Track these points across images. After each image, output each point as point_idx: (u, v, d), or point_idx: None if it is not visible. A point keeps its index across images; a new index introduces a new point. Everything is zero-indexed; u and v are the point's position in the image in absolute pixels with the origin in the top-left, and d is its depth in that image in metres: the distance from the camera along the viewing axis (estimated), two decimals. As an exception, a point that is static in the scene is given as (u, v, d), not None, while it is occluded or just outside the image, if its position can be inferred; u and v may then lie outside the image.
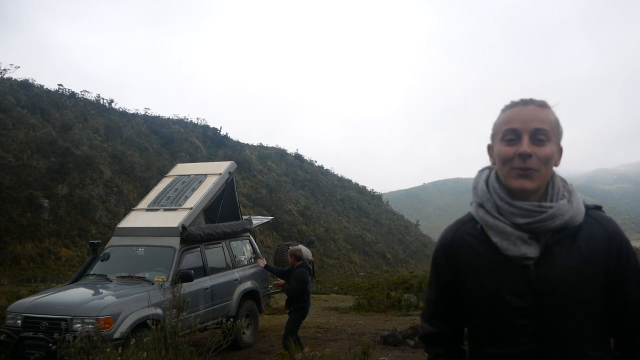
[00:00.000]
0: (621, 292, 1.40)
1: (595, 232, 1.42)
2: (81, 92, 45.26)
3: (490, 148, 1.53)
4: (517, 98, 1.48)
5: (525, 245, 1.39)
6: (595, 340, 1.41)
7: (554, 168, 1.47)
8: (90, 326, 5.28)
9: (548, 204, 1.41)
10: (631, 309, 1.41)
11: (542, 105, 1.45)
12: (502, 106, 1.51)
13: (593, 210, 1.46)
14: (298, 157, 68.16)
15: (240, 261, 8.42)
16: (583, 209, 1.44)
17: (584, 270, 1.38)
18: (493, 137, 1.51)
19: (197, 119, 57.40)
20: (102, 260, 7.33)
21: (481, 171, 1.56)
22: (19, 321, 5.94)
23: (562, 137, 1.49)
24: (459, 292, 1.52)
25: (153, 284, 6.53)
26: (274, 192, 50.02)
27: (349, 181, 75.27)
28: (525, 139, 1.40)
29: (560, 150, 1.48)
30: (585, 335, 1.39)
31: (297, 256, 6.80)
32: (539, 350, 1.39)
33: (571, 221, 1.40)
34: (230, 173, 8.58)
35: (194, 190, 8.01)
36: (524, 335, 1.40)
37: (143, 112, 51.05)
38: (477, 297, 1.47)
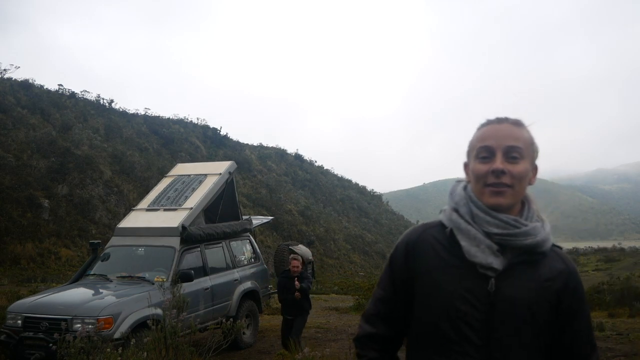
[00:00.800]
0: (570, 332, 1.44)
1: (556, 265, 1.45)
2: (81, 92, 45.29)
3: (466, 166, 1.54)
4: (492, 116, 1.50)
5: (493, 256, 1.39)
6: None
7: (529, 189, 1.49)
8: (90, 326, 5.28)
9: (524, 221, 1.43)
10: (576, 349, 1.45)
11: (517, 123, 1.47)
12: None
13: (557, 248, 1.51)
14: (298, 157, 68.16)
15: (240, 261, 8.42)
16: (551, 239, 1.47)
17: (540, 296, 1.41)
18: (468, 154, 1.52)
19: (197, 119, 57.45)
20: (102, 260, 7.33)
21: (458, 182, 1.57)
22: (19, 321, 5.94)
23: (538, 156, 1.50)
24: (411, 294, 1.50)
25: (153, 284, 6.53)
26: (274, 192, 50.01)
27: (349, 181, 75.26)
28: (499, 156, 1.41)
29: (535, 169, 1.49)
30: (530, 357, 1.40)
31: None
32: None
33: (541, 244, 1.42)
34: (230, 173, 8.58)
35: (194, 190, 8.01)
36: (471, 346, 1.39)
37: (143, 112, 51.08)
38: (431, 301, 1.44)
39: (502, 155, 1.42)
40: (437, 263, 1.46)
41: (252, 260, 8.79)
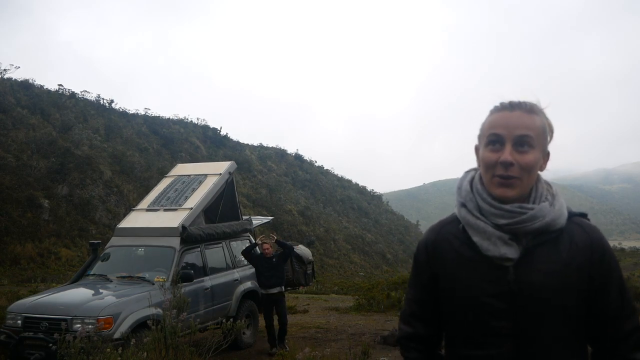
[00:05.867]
0: (601, 301, 1.40)
1: (577, 238, 1.41)
2: (81, 92, 45.39)
3: (477, 149, 1.52)
4: (506, 100, 1.45)
5: (506, 246, 1.38)
6: (572, 346, 1.40)
7: (539, 172, 1.46)
8: (90, 326, 5.27)
9: (529, 205, 1.40)
10: (610, 318, 1.40)
11: (530, 110, 1.42)
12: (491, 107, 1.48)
13: (577, 217, 1.45)
14: (298, 157, 68.19)
15: (240, 261, 8.41)
16: (565, 213, 1.42)
17: (563, 275, 1.37)
18: (479, 138, 1.49)
19: (197, 119, 57.54)
20: (102, 261, 7.33)
21: (467, 172, 1.55)
22: (19, 321, 5.93)
23: (551, 139, 1.46)
24: (438, 292, 1.51)
25: (153, 284, 6.53)
26: (274, 192, 50.03)
27: (349, 181, 75.33)
28: (508, 146, 1.39)
29: (547, 155, 1.46)
30: (562, 340, 1.38)
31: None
32: (515, 353, 1.38)
33: (552, 224, 1.39)
34: (230, 173, 8.58)
35: (194, 190, 8.00)
36: (501, 337, 1.39)
37: (143, 112, 51.11)
38: (455, 297, 1.45)
39: (511, 145, 1.39)
40: (457, 259, 1.46)
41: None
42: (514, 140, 1.39)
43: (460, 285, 1.44)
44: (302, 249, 8.66)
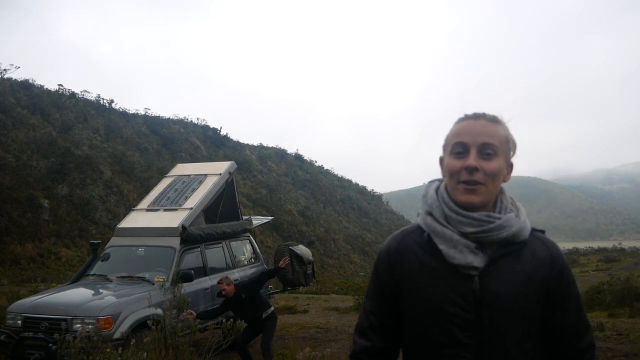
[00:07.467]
0: (559, 316, 1.43)
1: (539, 251, 1.43)
2: (81, 92, 45.31)
3: (441, 160, 1.53)
4: (470, 112, 1.49)
5: (472, 255, 1.38)
6: (535, 357, 1.41)
7: (503, 184, 1.48)
8: (90, 326, 5.28)
9: (496, 214, 1.42)
10: (566, 334, 1.43)
11: (493, 120, 1.46)
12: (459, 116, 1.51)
13: (538, 232, 1.49)
14: (298, 157, 68.17)
15: (240, 261, 8.42)
16: (529, 226, 1.45)
17: (526, 287, 1.39)
18: (444, 148, 1.51)
19: (197, 119, 57.48)
20: (102, 261, 7.34)
21: (431, 182, 1.56)
22: (19, 321, 5.93)
23: (515, 152, 1.49)
24: (398, 303, 1.49)
25: (153, 284, 6.53)
26: (274, 192, 50.03)
27: (349, 181, 75.29)
28: (473, 152, 1.41)
29: (510, 166, 1.48)
30: (525, 351, 1.39)
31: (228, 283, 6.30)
32: None
33: (517, 234, 1.41)
34: (230, 173, 8.59)
35: (194, 190, 8.01)
36: (464, 347, 1.38)
37: (143, 112, 51.10)
38: (419, 307, 1.44)
39: (476, 151, 1.41)
40: (421, 268, 1.45)
41: (252, 260, 8.79)
42: (478, 147, 1.41)
43: (424, 295, 1.43)
44: (302, 249, 8.66)
